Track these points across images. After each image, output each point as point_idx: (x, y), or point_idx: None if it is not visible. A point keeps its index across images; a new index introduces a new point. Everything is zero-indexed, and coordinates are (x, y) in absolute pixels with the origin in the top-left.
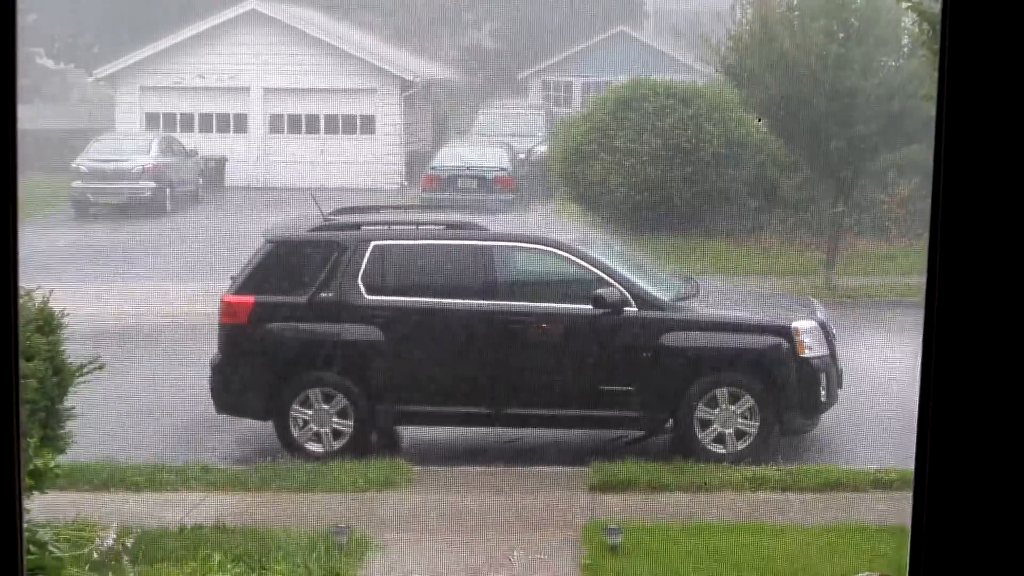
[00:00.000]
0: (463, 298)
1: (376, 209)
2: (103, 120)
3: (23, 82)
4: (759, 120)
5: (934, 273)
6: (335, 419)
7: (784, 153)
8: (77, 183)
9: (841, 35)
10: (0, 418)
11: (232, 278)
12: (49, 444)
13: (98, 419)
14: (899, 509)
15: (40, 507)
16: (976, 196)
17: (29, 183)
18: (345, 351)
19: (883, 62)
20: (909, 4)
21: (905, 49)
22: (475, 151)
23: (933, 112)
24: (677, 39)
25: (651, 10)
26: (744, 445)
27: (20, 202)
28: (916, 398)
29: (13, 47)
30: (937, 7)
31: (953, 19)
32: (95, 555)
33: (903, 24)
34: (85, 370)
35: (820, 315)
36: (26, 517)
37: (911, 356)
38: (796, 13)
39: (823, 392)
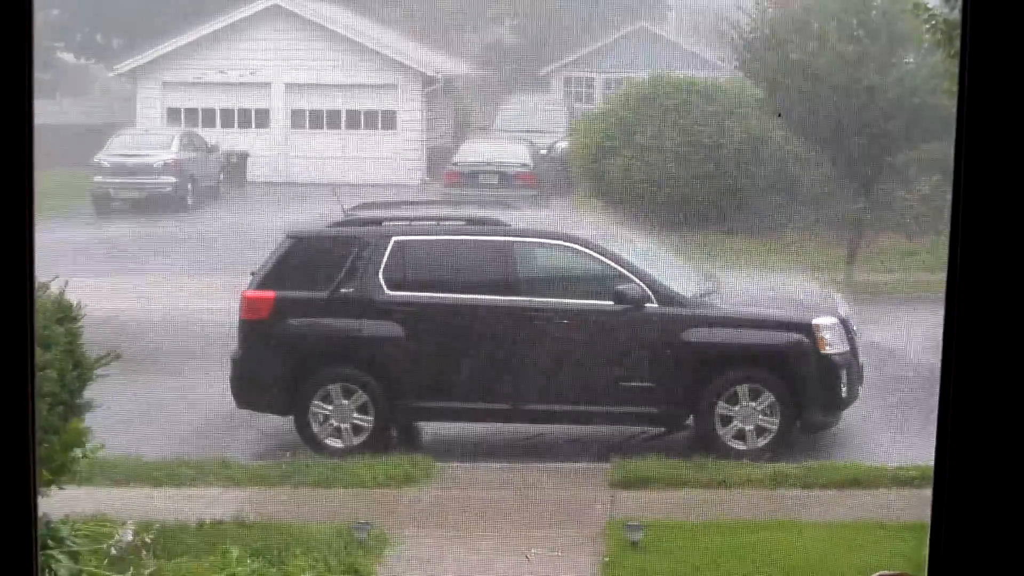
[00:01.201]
0: (484, 294)
1: (397, 205)
2: (124, 115)
3: (43, 76)
4: (779, 115)
5: (955, 269)
6: (355, 415)
7: (805, 150)
8: (98, 178)
9: (859, 32)
10: (15, 412)
11: (253, 274)
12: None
13: (117, 414)
14: (920, 506)
15: (58, 502)
16: (997, 193)
17: (50, 178)
18: (366, 347)
19: (902, 59)
20: (924, 15)
21: (924, 46)
22: (496, 147)
23: (954, 108)
24: (698, 36)
25: (673, 6)
26: (765, 441)
27: (36, 196)
28: (936, 394)
29: (30, 42)
30: (950, 12)
31: (974, 17)
32: (113, 551)
33: (921, 25)
34: (103, 361)
35: (841, 311)
36: (45, 511)
37: (932, 352)
38: (813, 12)
39: (844, 388)
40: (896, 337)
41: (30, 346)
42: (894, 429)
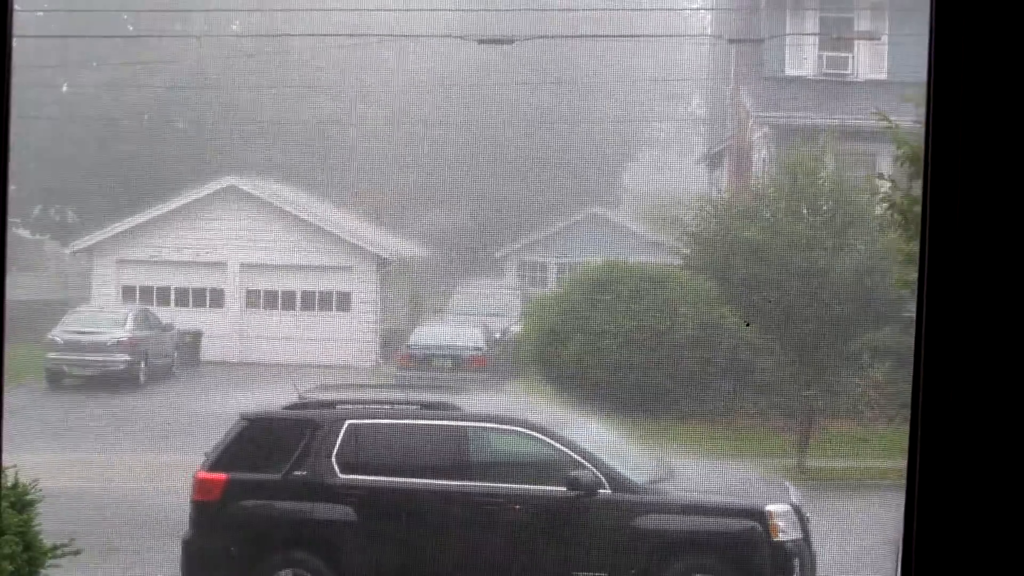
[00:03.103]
0: (437, 478)
1: (351, 388)
2: (79, 291)
3: None
4: (747, 324)
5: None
6: None
7: (757, 335)
8: (52, 354)
9: (810, 217)
10: None
11: (206, 454)
12: None
13: None
14: None
15: None
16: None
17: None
18: (318, 530)
19: (853, 243)
20: (879, 195)
21: (876, 231)
22: (450, 330)
23: (906, 294)
24: (651, 223)
25: (626, 192)
26: None
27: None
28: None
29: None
30: (908, 189)
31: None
32: None
33: (873, 208)
34: (59, 552)
35: (794, 498)
36: None
37: (885, 542)
38: (763, 197)
39: None
40: (849, 524)
41: None
42: None
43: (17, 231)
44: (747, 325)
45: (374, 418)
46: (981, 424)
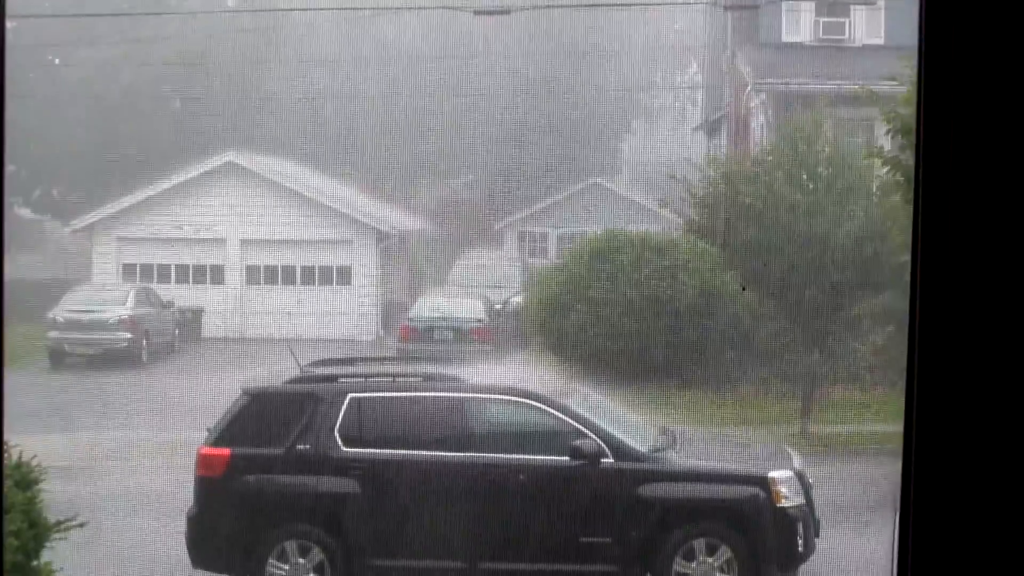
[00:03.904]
0: (440, 450)
1: (353, 361)
2: (80, 270)
3: None
4: (743, 289)
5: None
6: (311, 574)
7: (758, 303)
8: (53, 333)
9: (811, 184)
10: None
11: (208, 430)
12: None
13: (74, 574)
14: None
15: None
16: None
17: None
18: (321, 503)
19: (852, 210)
20: (879, 156)
21: (875, 196)
22: (451, 302)
23: (906, 258)
24: (650, 191)
25: (625, 162)
26: None
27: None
28: (891, 546)
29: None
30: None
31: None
32: None
33: (874, 171)
34: (64, 526)
35: (796, 464)
36: None
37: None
38: (763, 163)
39: (800, 542)
40: (852, 489)
41: None
42: None
43: (17, 211)
44: (743, 289)
45: (376, 391)
46: (976, 389)
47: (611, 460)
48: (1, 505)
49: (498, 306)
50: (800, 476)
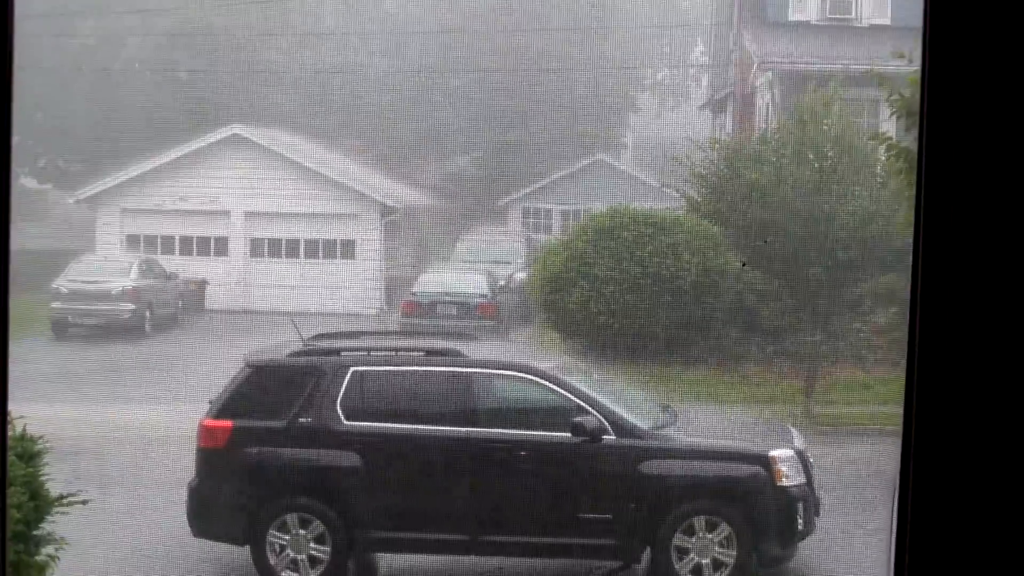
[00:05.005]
0: (442, 425)
1: (356, 335)
2: (84, 241)
3: None
4: (743, 264)
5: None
6: (312, 545)
7: (762, 281)
8: (57, 304)
9: (816, 163)
10: None
11: (210, 402)
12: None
13: (76, 544)
14: None
15: None
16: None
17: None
18: (323, 476)
19: (857, 191)
20: (883, 142)
21: (880, 177)
22: (455, 277)
23: (910, 238)
24: (654, 168)
25: (629, 139)
26: (722, 575)
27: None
28: (891, 527)
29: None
30: (912, 143)
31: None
32: None
33: (878, 155)
34: (66, 501)
35: (798, 443)
36: None
37: (888, 484)
38: (768, 142)
39: (800, 521)
40: (853, 469)
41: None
42: (850, 561)
43: (21, 180)
44: (743, 266)
45: (379, 365)
46: (977, 372)
47: (612, 437)
48: (5, 477)
49: (502, 282)
50: (801, 455)
